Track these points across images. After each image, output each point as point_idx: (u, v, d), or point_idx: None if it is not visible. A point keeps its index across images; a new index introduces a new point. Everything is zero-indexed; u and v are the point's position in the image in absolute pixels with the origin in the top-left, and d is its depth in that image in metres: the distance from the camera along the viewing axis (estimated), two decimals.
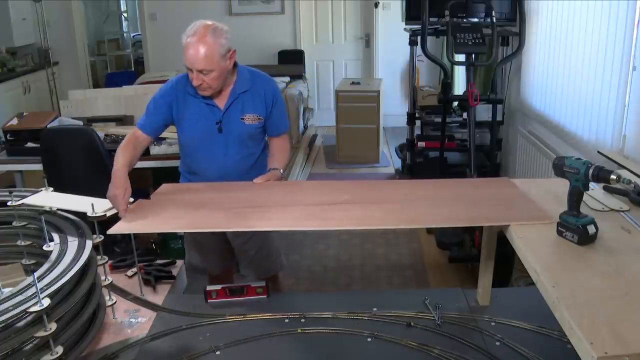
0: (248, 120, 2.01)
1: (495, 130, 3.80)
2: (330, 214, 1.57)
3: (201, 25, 1.87)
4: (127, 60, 8.10)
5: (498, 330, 1.48)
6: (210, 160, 2.03)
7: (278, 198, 1.74)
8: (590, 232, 1.21)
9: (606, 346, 0.87)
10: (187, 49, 1.85)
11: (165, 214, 1.62)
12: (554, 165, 1.29)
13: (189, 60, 1.86)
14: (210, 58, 1.84)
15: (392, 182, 1.90)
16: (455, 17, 3.41)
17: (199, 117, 1.99)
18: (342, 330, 1.51)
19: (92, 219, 1.51)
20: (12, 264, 1.56)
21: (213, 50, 1.84)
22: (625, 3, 2.32)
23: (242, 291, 1.70)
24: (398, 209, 1.59)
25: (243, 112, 2.01)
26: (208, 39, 1.84)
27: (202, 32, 1.84)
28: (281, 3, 6.11)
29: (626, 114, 2.39)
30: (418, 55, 4.18)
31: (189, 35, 1.85)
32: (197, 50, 1.83)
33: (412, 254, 3.54)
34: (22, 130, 3.27)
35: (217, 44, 1.85)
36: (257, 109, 2.03)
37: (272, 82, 2.11)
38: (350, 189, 1.80)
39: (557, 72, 3.16)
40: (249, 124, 2.02)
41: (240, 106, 2.01)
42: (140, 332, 1.53)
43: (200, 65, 1.84)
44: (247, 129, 2.02)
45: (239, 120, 2.01)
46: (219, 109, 1.99)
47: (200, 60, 1.84)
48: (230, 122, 2.00)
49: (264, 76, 2.09)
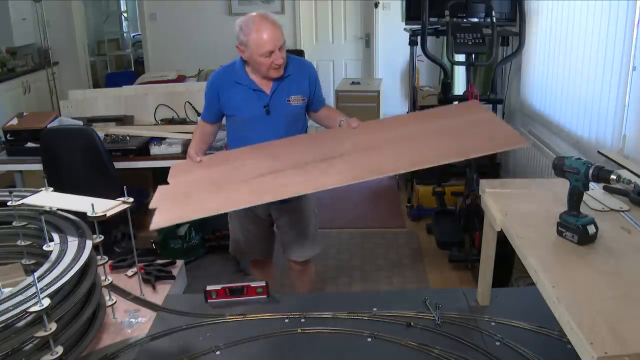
0: (294, 101, 2.21)
1: None
2: (338, 167, 1.71)
3: (253, 16, 2.06)
4: (127, 60, 8.11)
5: (498, 330, 1.48)
6: (260, 141, 2.17)
7: (284, 159, 1.88)
8: (590, 232, 1.21)
9: (606, 346, 0.87)
10: (263, 35, 2.03)
11: (196, 198, 1.74)
12: (554, 165, 1.29)
13: (270, 42, 2.03)
14: (281, 31, 2.08)
15: (370, 124, 2.17)
16: (455, 17, 3.41)
17: (247, 102, 2.18)
18: (342, 330, 1.51)
19: (92, 219, 1.51)
20: (12, 264, 1.56)
21: (279, 25, 2.08)
22: (625, 3, 2.32)
23: (242, 291, 1.70)
24: (397, 153, 1.75)
25: (289, 94, 2.20)
26: (270, 18, 2.07)
27: (263, 17, 2.05)
28: (281, 3, 6.11)
29: (626, 114, 2.39)
30: (418, 55, 4.18)
31: (255, 26, 2.03)
32: (273, 30, 2.04)
33: (412, 254, 3.54)
34: (22, 130, 3.28)
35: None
36: (301, 90, 2.23)
37: (311, 65, 2.37)
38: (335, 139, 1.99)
39: (557, 72, 3.16)
40: (294, 104, 2.22)
41: (286, 89, 2.19)
42: (140, 332, 1.53)
43: (280, 39, 2.06)
44: (293, 109, 2.22)
45: (285, 102, 2.20)
46: (265, 94, 2.18)
47: (278, 36, 2.06)
48: (277, 104, 2.19)
49: (303, 60, 2.37)
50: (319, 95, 2.33)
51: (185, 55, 6.19)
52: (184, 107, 3.65)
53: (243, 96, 2.18)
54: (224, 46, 6.19)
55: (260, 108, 2.17)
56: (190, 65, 5.77)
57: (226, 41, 6.20)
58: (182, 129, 3.41)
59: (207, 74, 5.60)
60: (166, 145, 3.20)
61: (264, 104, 2.17)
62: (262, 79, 2.16)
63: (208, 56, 6.02)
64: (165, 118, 3.64)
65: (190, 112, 3.65)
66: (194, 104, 3.65)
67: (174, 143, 3.20)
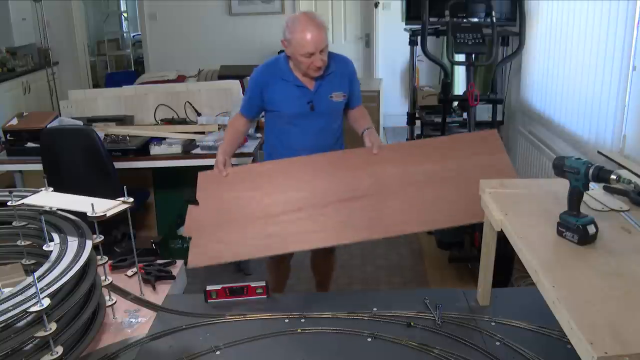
0: (336, 97, 2.27)
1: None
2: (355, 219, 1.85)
3: (301, 15, 2.12)
4: (127, 60, 8.11)
5: (498, 330, 1.48)
6: (302, 136, 2.28)
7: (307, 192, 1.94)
8: (590, 232, 1.21)
9: (606, 346, 0.87)
10: (306, 36, 2.06)
11: (227, 233, 1.84)
12: (554, 165, 1.29)
13: (312, 44, 2.07)
14: (325, 34, 2.11)
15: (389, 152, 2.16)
16: (455, 17, 3.41)
17: (291, 98, 2.23)
18: (342, 330, 1.51)
19: (92, 219, 1.51)
20: (12, 264, 1.56)
21: (324, 27, 2.12)
22: (625, 3, 2.32)
23: (242, 291, 1.70)
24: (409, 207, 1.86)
25: (331, 91, 2.25)
26: (317, 20, 2.11)
27: (309, 18, 2.10)
28: (281, 3, 6.11)
29: (626, 114, 2.39)
30: (418, 55, 4.18)
31: (301, 26, 2.08)
32: (317, 32, 2.07)
33: (412, 254, 3.54)
34: (22, 130, 3.27)
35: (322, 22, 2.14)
36: (343, 87, 2.28)
37: (350, 62, 2.37)
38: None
39: (557, 72, 3.16)
40: (336, 101, 2.28)
41: (329, 86, 2.24)
42: (140, 332, 1.52)
43: (323, 43, 2.10)
44: (335, 105, 2.29)
45: (328, 99, 2.25)
46: (308, 90, 2.23)
47: (322, 39, 2.09)
48: (321, 100, 2.24)
49: (344, 57, 2.35)
50: (356, 94, 2.38)
51: (185, 55, 6.20)
52: (184, 107, 3.64)
53: (287, 92, 2.22)
54: (224, 46, 6.21)
55: (304, 104, 2.23)
56: (190, 65, 5.77)
57: (226, 41, 6.25)
58: (182, 129, 3.41)
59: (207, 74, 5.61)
60: (166, 145, 3.19)
61: (308, 100, 2.23)
62: (304, 76, 2.21)
63: (208, 56, 6.03)
64: (165, 118, 3.64)
65: (190, 112, 3.65)
66: (194, 104, 3.65)
67: (174, 143, 3.19)
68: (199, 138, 3.24)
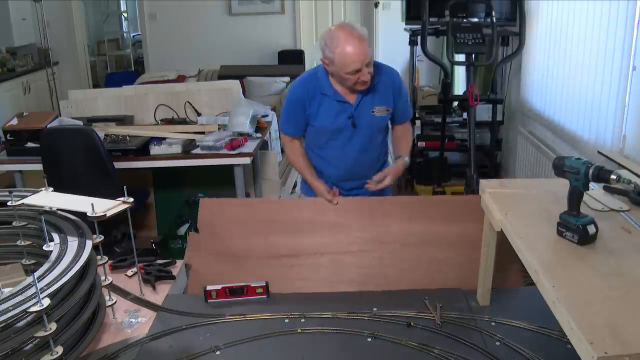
0: (378, 112, 2.12)
1: (495, 130, 3.81)
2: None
3: (338, 30, 1.95)
4: (127, 60, 8.11)
5: (498, 330, 1.48)
6: (342, 152, 2.16)
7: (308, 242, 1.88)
8: (590, 232, 1.21)
9: (606, 346, 0.87)
10: (349, 52, 1.91)
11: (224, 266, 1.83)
12: (554, 165, 1.29)
13: (357, 61, 1.92)
14: (367, 46, 1.95)
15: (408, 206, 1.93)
16: (455, 17, 3.42)
17: (332, 113, 2.10)
18: (342, 330, 1.51)
19: (92, 219, 1.51)
20: (12, 264, 1.56)
21: (365, 38, 1.95)
22: (625, 3, 2.32)
23: (242, 291, 1.70)
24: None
25: (373, 105, 2.10)
26: (357, 32, 1.93)
27: (349, 32, 1.92)
28: (281, 3, 6.11)
29: (626, 114, 2.39)
30: (418, 55, 4.18)
31: (342, 43, 1.92)
32: (360, 46, 1.91)
33: None
34: (22, 130, 3.27)
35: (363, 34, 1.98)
36: (386, 100, 2.12)
37: (396, 72, 2.20)
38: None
39: (557, 72, 3.16)
40: (379, 116, 2.12)
41: (370, 100, 2.10)
42: (140, 332, 1.52)
43: (367, 56, 1.94)
44: (378, 120, 2.13)
45: (370, 114, 2.11)
46: (350, 105, 2.10)
47: (365, 52, 1.93)
48: (362, 115, 2.10)
49: (388, 68, 2.18)
50: (402, 108, 2.21)
51: (185, 55, 6.20)
52: (184, 107, 3.64)
53: (328, 107, 2.10)
54: (224, 46, 6.21)
55: (345, 119, 2.10)
56: (190, 65, 5.78)
57: (226, 41, 6.25)
58: (182, 129, 3.41)
59: (207, 74, 5.62)
60: (166, 145, 3.19)
61: (349, 115, 2.10)
62: (345, 90, 2.08)
63: (208, 56, 6.03)
64: (165, 118, 3.64)
65: (190, 112, 3.65)
66: (194, 104, 3.65)
67: (174, 143, 3.19)
68: (199, 138, 3.24)
